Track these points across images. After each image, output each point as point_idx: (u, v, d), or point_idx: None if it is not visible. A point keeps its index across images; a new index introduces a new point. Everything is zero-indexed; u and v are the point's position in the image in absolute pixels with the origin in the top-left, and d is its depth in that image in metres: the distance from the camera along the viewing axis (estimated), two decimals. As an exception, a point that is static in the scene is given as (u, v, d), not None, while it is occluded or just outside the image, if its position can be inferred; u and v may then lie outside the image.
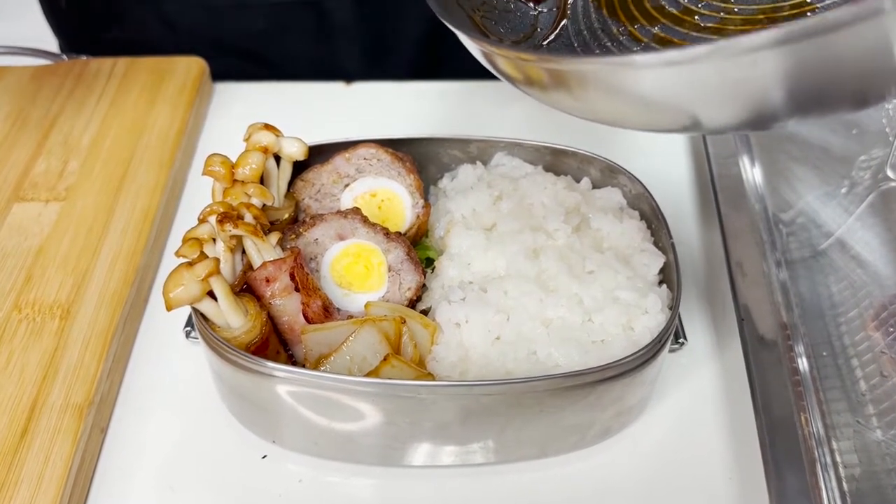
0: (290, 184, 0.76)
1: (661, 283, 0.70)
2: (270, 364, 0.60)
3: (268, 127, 0.72)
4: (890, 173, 0.87)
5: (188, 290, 0.60)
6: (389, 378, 0.60)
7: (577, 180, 0.78)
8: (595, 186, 0.78)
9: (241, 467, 0.68)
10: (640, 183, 0.75)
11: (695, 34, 0.53)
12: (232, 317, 0.62)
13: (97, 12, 1.10)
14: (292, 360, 0.67)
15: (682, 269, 0.69)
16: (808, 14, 0.49)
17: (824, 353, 0.75)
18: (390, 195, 0.76)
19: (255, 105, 1.07)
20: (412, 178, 0.76)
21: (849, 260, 0.84)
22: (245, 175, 0.69)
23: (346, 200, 0.76)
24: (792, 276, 0.81)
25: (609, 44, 0.56)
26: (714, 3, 0.53)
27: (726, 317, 0.79)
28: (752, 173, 0.90)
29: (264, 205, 0.69)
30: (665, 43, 0.54)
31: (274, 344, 0.65)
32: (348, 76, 1.10)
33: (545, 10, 0.61)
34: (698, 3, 0.54)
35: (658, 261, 0.70)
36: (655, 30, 0.55)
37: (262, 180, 0.71)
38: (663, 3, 0.55)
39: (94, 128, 0.96)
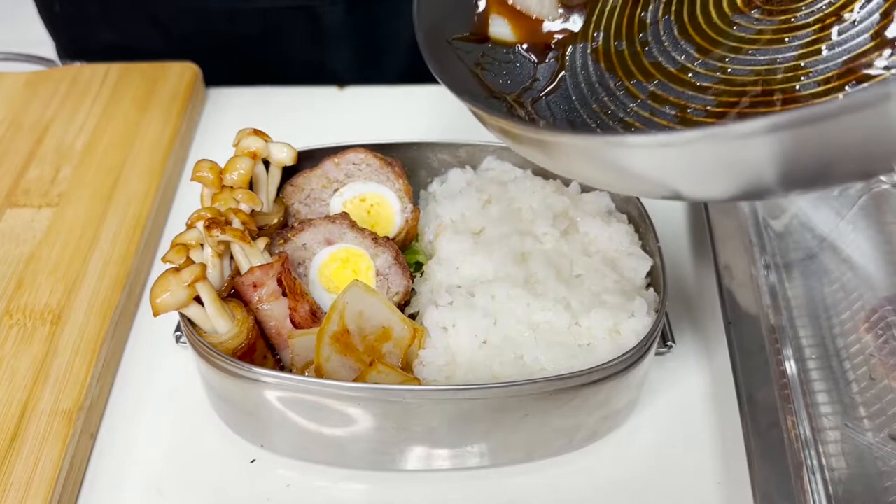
0: (280, 189, 0.76)
1: (648, 286, 0.70)
2: (257, 369, 0.60)
3: (257, 132, 0.73)
4: (881, 176, 0.87)
5: (175, 296, 0.60)
6: (376, 383, 0.60)
7: (566, 184, 0.79)
8: (583, 190, 0.78)
9: (230, 472, 0.69)
10: (628, 187, 0.75)
11: (690, 93, 0.52)
12: (219, 322, 0.62)
13: (92, 17, 1.10)
14: (280, 365, 0.67)
15: (670, 272, 0.69)
16: (803, 78, 0.49)
17: (814, 356, 0.76)
18: (379, 200, 0.77)
19: (249, 110, 1.07)
20: (401, 182, 0.77)
21: (840, 263, 0.84)
22: (233, 180, 0.69)
23: (336, 205, 0.76)
24: (784, 278, 0.81)
25: (606, 99, 0.55)
26: (710, 62, 0.53)
27: (715, 320, 0.79)
28: (742, 176, 0.90)
29: (253, 210, 0.69)
30: (661, 101, 0.53)
31: (261, 349, 0.65)
32: (341, 80, 1.10)
33: (547, 61, 0.61)
34: (694, 61, 0.53)
35: (645, 264, 0.70)
36: (651, 87, 0.54)
37: (252, 185, 0.72)
38: (660, 59, 0.55)
39: (87, 134, 0.97)
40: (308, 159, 0.77)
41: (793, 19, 0.51)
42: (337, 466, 0.68)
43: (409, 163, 0.80)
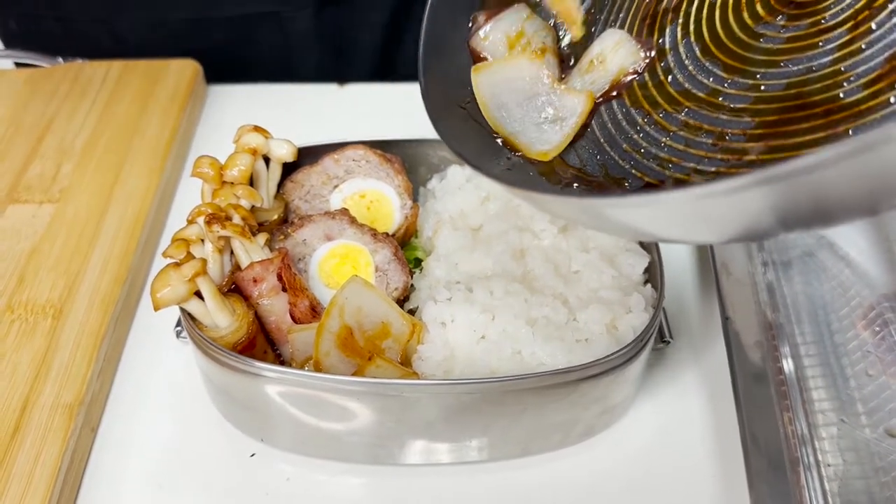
0: (280, 185, 0.77)
1: (646, 282, 0.71)
2: (257, 363, 0.60)
3: (257, 129, 0.73)
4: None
5: (175, 291, 0.60)
6: (374, 377, 0.61)
7: (565, 181, 0.79)
8: (582, 187, 0.79)
9: (230, 466, 0.69)
10: (627, 184, 0.75)
11: (725, 117, 0.48)
12: (219, 316, 0.62)
13: (50, 34, 1.09)
14: (280, 360, 0.68)
15: (668, 269, 0.69)
16: (845, 84, 0.44)
17: (812, 353, 0.76)
18: (379, 196, 0.77)
19: (249, 107, 1.07)
20: (400, 179, 0.77)
21: (838, 260, 0.84)
22: (234, 176, 0.70)
23: (336, 201, 0.77)
24: (782, 276, 0.82)
25: (636, 136, 0.52)
26: (741, 80, 0.48)
27: (712, 317, 0.79)
28: (741, 174, 0.90)
29: (253, 206, 0.70)
30: (694, 130, 0.49)
31: (261, 343, 0.66)
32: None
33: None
34: (724, 82, 0.49)
35: (643, 261, 0.70)
36: (682, 116, 0.50)
37: (252, 182, 0.72)
38: (687, 85, 0.51)
39: (88, 130, 0.97)
40: (308, 156, 0.77)
41: (822, 20, 0.47)
42: (336, 460, 0.69)
43: (409, 159, 0.81)
